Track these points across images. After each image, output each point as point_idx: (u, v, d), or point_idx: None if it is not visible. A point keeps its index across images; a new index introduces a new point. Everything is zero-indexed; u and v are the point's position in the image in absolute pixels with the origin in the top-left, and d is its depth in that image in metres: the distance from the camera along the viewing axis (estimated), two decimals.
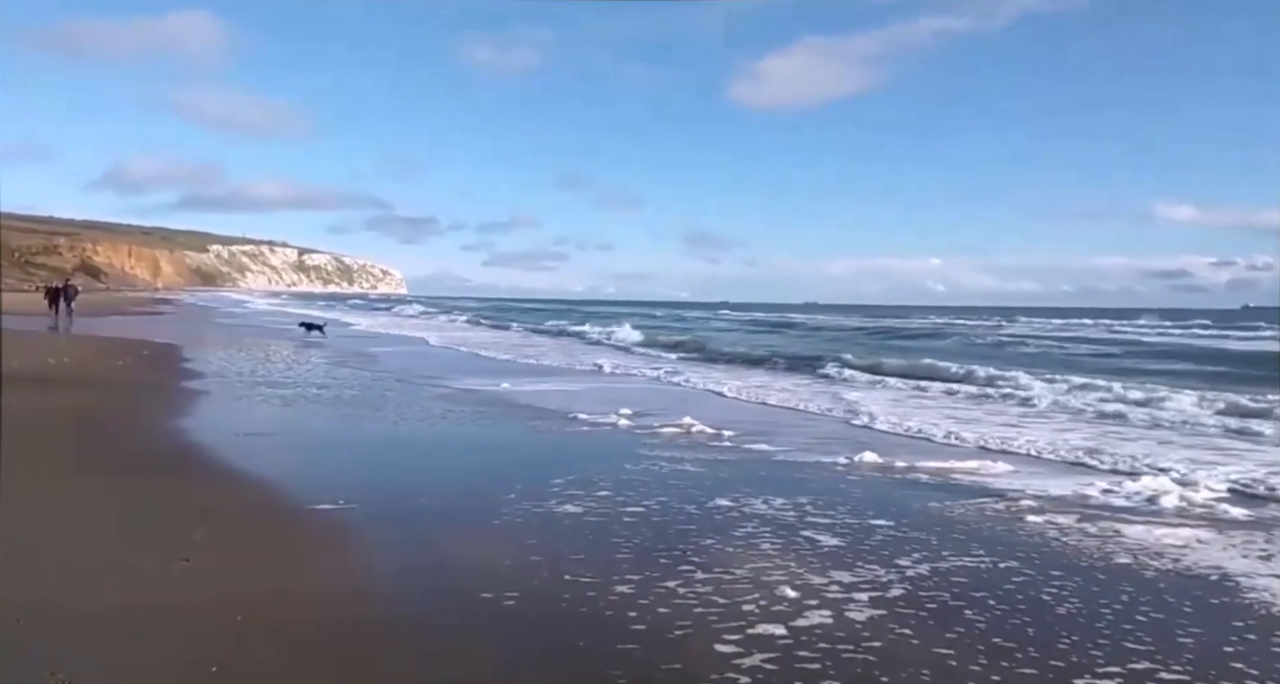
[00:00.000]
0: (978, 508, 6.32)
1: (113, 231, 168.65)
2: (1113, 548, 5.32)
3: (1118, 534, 5.65)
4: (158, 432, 8.81)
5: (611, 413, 10.71)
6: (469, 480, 7.10)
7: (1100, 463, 8.31)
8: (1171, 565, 5.01)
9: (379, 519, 5.58)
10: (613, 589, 4.25)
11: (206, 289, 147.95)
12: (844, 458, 8.14)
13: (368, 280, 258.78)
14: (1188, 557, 5.19)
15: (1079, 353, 27.11)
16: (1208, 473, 7.69)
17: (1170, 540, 5.55)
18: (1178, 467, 7.97)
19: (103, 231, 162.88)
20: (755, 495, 6.41)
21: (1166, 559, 5.12)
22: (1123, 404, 12.90)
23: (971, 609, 4.16)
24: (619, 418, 10.39)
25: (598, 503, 6.06)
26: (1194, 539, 5.59)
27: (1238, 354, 25.65)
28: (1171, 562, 5.08)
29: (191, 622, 3.74)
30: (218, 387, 12.71)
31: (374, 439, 9.07)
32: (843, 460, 8.05)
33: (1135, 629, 3.97)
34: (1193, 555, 5.23)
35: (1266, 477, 7.56)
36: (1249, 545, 5.49)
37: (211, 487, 6.40)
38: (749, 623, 3.86)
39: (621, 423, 10.15)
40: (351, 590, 4.27)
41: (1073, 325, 48.49)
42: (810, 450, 8.64)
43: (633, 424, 10.08)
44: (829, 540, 5.29)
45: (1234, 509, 6.37)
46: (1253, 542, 5.57)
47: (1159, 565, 5.00)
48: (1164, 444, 9.57)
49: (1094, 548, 5.32)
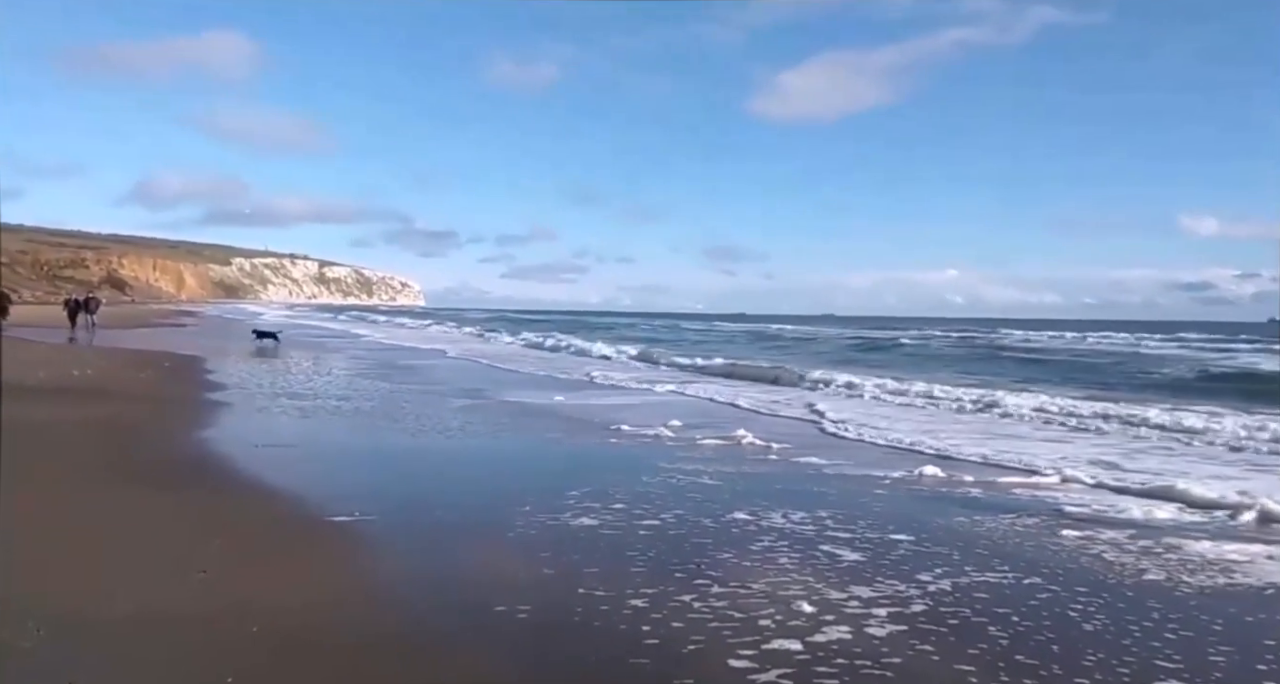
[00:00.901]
0: (1005, 521, 6.22)
1: (139, 245, 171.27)
2: (1144, 564, 5.21)
3: (1148, 550, 5.53)
4: (178, 443, 8.88)
5: (659, 425, 10.74)
6: (489, 491, 7.08)
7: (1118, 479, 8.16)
8: (1204, 582, 4.89)
9: (394, 531, 5.58)
10: (626, 603, 4.21)
11: (228, 301, 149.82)
12: (902, 471, 8.09)
13: (386, 292, 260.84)
14: (1220, 572, 5.07)
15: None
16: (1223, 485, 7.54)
17: (1200, 555, 5.42)
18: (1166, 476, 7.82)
19: (129, 245, 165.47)
20: (797, 508, 6.35)
21: (1200, 575, 5.00)
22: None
23: (995, 626, 4.07)
24: (664, 429, 10.44)
25: (636, 511, 6.02)
26: (1224, 555, 5.46)
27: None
28: (1204, 578, 4.96)
29: (208, 632, 3.74)
30: (239, 398, 12.81)
31: (392, 450, 9.08)
32: (899, 474, 8.01)
33: (1164, 647, 3.86)
34: (1224, 571, 5.10)
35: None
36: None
37: (230, 498, 6.43)
38: (765, 638, 3.80)
39: (666, 434, 10.23)
40: (365, 602, 4.25)
41: (1060, 337, 48.48)
42: (871, 465, 8.56)
43: (677, 436, 10.13)
44: (849, 554, 5.21)
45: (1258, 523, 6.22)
46: None
47: (1191, 582, 4.88)
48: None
49: (1124, 564, 5.21)
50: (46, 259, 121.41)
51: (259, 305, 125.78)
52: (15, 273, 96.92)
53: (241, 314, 75.37)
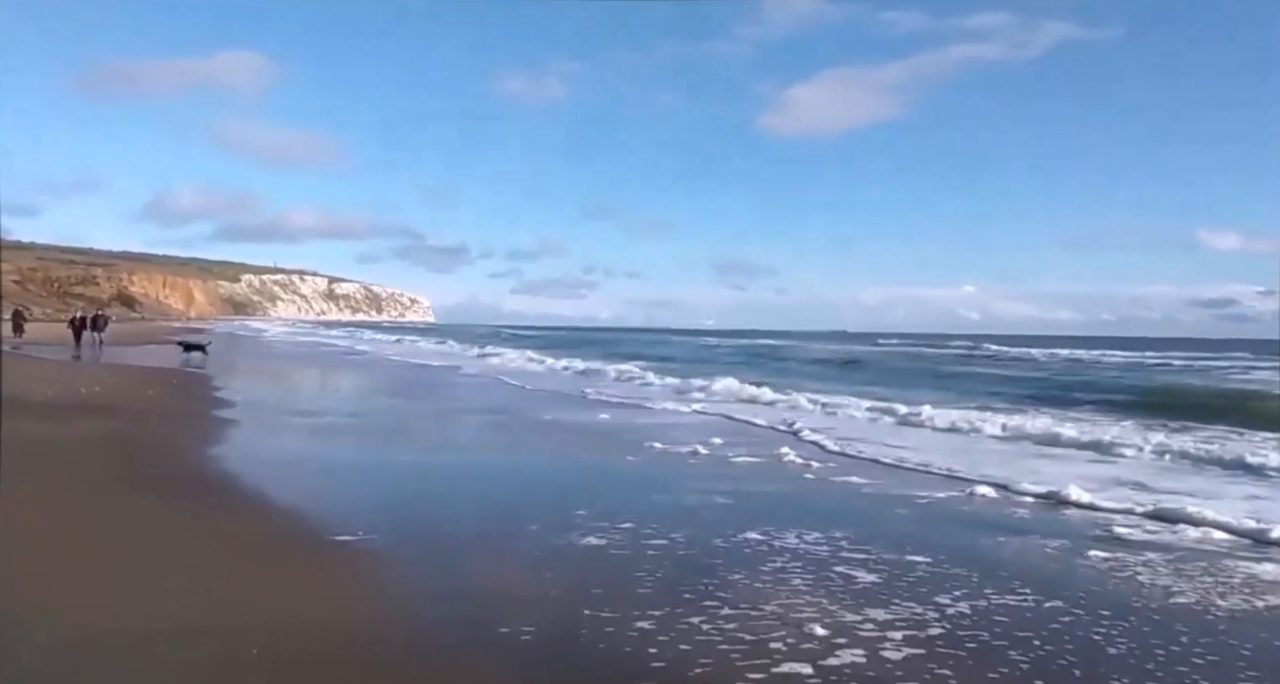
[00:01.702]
0: (1025, 542, 6.08)
1: (149, 262, 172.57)
2: (1169, 586, 5.07)
3: (1172, 572, 5.39)
4: (185, 459, 8.82)
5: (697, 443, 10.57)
6: (497, 510, 6.98)
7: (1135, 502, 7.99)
8: (1232, 605, 4.75)
9: (399, 551, 5.48)
10: (633, 624, 4.10)
11: (236, 318, 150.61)
12: (957, 491, 7.97)
13: (395, 309, 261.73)
14: (1248, 595, 4.93)
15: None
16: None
17: (1227, 578, 5.28)
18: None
19: (139, 262, 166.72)
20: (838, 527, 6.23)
21: (1227, 598, 4.86)
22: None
23: (1015, 650, 3.94)
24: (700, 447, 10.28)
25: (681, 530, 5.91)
26: (1251, 577, 5.32)
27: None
28: (1232, 601, 4.82)
29: (210, 649, 3.68)
30: (246, 415, 12.76)
31: (400, 469, 9.00)
32: (954, 493, 7.92)
33: (1191, 671, 3.73)
34: (1253, 594, 4.96)
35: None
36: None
37: (235, 516, 6.35)
38: (775, 661, 3.68)
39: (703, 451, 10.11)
40: (366, 622, 4.16)
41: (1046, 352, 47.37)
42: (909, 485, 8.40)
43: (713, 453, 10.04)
44: (865, 576, 5.09)
45: None
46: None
47: (1219, 605, 4.74)
48: None
49: (1148, 586, 5.07)
50: (57, 276, 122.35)
51: (260, 322, 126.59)
52: (26, 290, 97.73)
53: (248, 331, 75.87)
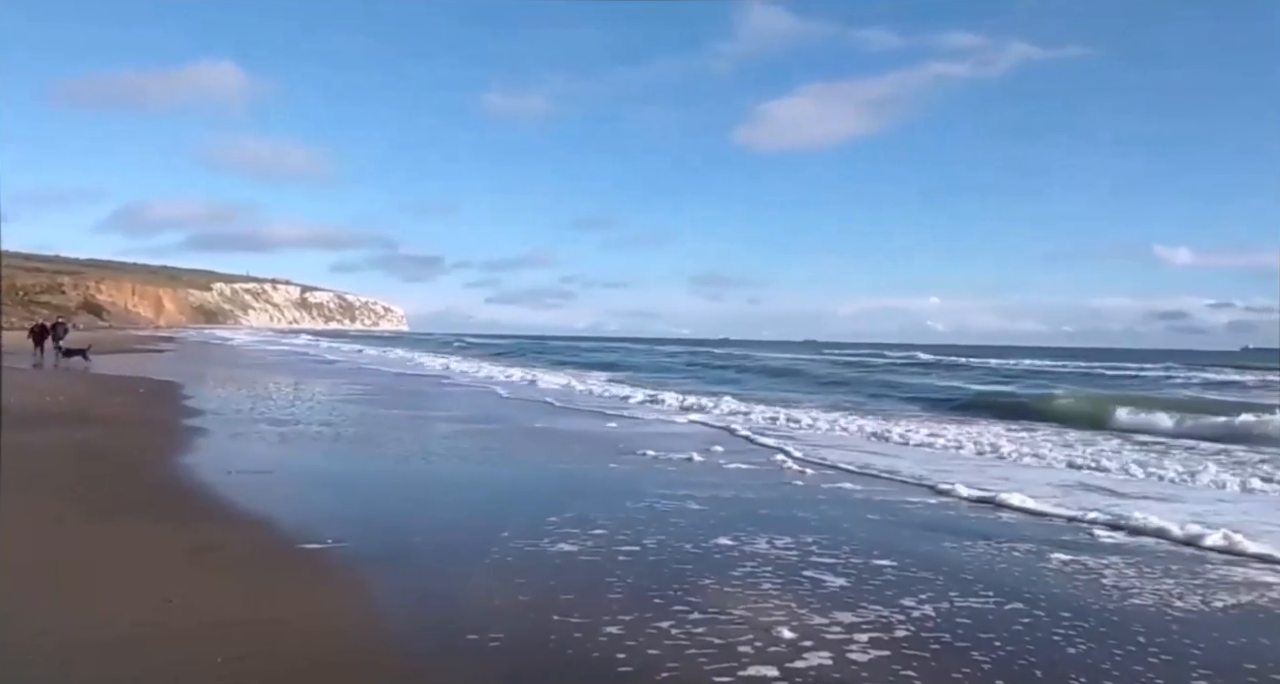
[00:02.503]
0: (986, 543, 6.18)
1: (117, 270, 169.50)
2: (1126, 589, 5.19)
3: (1128, 575, 5.52)
4: (149, 469, 8.69)
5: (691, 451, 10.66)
6: (468, 517, 6.96)
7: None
8: (1185, 606, 4.87)
9: (368, 558, 5.44)
10: (602, 630, 4.11)
11: (208, 327, 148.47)
12: (933, 498, 8.09)
13: (369, 317, 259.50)
14: (1200, 597, 5.06)
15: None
16: None
17: (1178, 581, 5.41)
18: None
19: (107, 270, 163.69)
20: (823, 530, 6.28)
21: (1180, 600, 4.97)
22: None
23: (978, 651, 4.01)
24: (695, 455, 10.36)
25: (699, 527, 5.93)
26: (1200, 580, 5.45)
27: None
28: (1185, 603, 4.93)
29: (171, 660, 3.63)
30: (216, 424, 12.60)
31: (371, 476, 8.94)
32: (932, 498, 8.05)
33: (1147, 671, 3.82)
34: (1204, 596, 5.09)
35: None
36: (1263, 588, 5.35)
37: (201, 525, 6.27)
38: (742, 665, 3.72)
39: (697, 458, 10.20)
40: (332, 630, 4.13)
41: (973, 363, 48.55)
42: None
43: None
44: (832, 579, 5.14)
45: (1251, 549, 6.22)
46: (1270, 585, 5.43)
47: (1172, 606, 4.85)
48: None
49: (1106, 588, 5.18)
50: (22, 284, 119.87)
51: (228, 331, 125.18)
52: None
53: (217, 339, 74.85)
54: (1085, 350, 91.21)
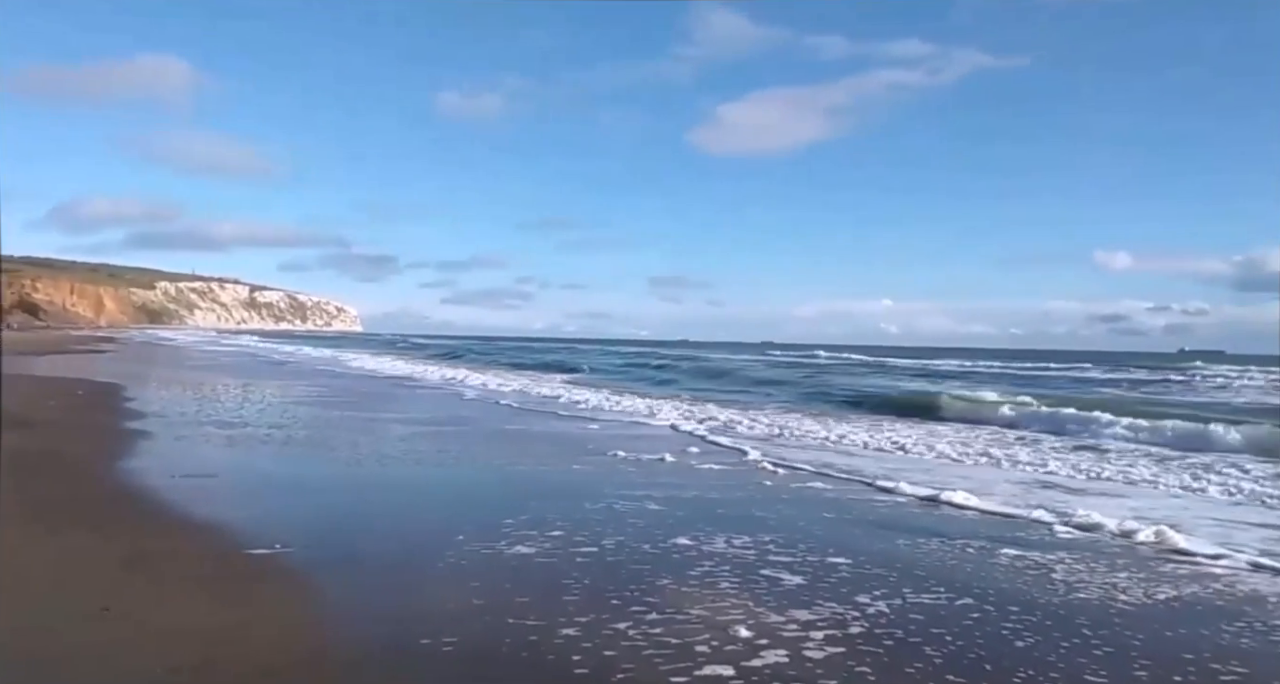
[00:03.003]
0: (940, 543, 6.29)
1: (55, 268, 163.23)
2: (1071, 583, 5.32)
3: (1073, 570, 5.66)
4: (87, 474, 8.37)
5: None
6: (422, 520, 6.84)
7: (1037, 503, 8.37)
8: (1126, 599, 5.02)
9: (317, 564, 5.32)
10: (558, 632, 4.08)
11: (151, 327, 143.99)
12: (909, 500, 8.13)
13: (321, 317, 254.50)
14: (1141, 591, 5.22)
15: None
16: None
17: (1120, 575, 5.59)
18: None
19: (44, 268, 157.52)
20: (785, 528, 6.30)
21: (1123, 594, 5.12)
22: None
23: (930, 646, 4.08)
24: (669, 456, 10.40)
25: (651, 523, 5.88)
26: (1139, 575, 5.63)
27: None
28: (1127, 597, 5.08)
29: (108, 672, 3.51)
30: (159, 427, 12.21)
31: (322, 480, 8.74)
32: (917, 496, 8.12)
33: (1090, 663, 3.93)
34: (1145, 590, 5.25)
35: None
36: (1199, 580, 5.54)
37: (141, 531, 6.07)
38: (698, 664, 3.72)
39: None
40: (278, 637, 4.02)
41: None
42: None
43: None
44: (790, 578, 5.18)
45: (1181, 543, 6.45)
46: (1194, 576, 5.62)
47: (1115, 600, 4.99)
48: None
49: (1052, 583, 5.31)
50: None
51: (172, 331, 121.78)
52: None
53: (158, 340, 72.71)
54: (1030, 352, 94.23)
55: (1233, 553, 6.06)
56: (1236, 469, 10.26)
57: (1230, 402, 23.85)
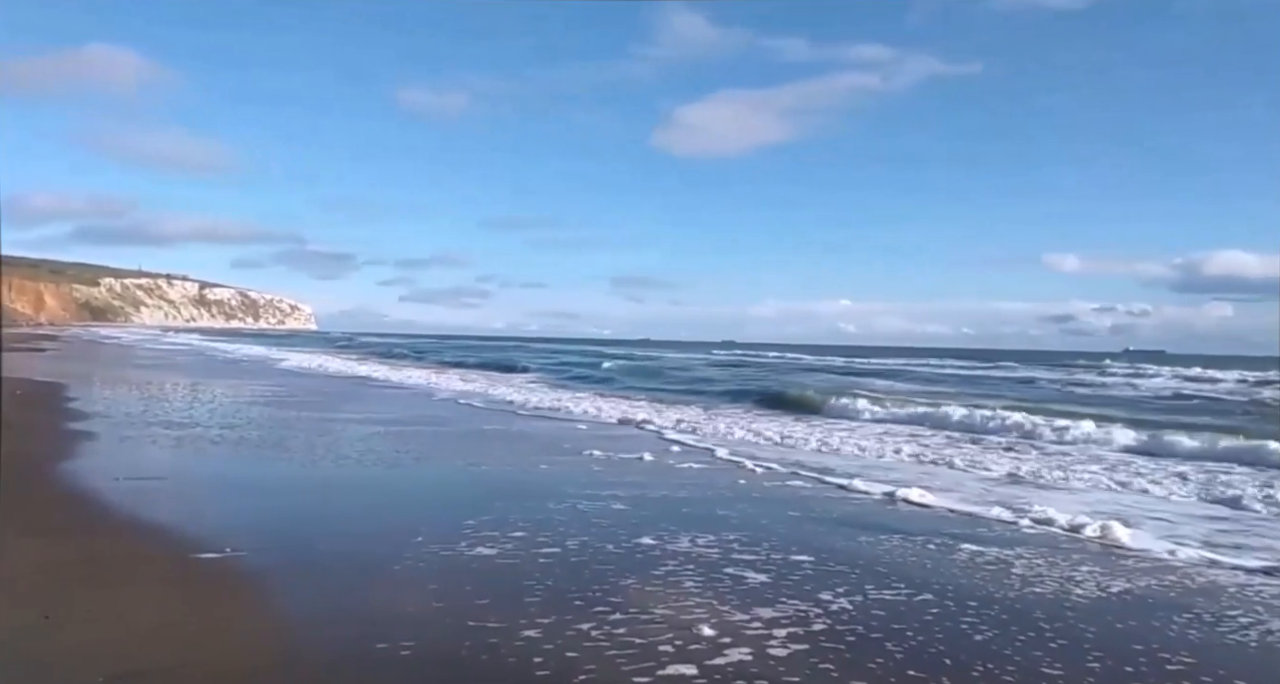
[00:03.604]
0: (899, 540, 6.36)
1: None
2: (1028, 578, 5.42)
3: (1029, 565, 5.77)
4: (25, 477, 8.03)
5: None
6: (379, 522, 6.71)
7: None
8: (1084, 593, 5.13)
9: (271, 567, 5.17)
10: (519, 634, 4.02)
11: (95, 324, 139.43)
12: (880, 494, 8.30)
13: (274, 315, 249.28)
14: (1094, 585, 5.34)
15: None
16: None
17: (1076, 570, 5.72)
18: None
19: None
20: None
21: (1077, 588, 5.23)
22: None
23: (891, 641, 4.12)
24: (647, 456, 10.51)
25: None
26: (1094, 569, 5.77)
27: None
28: (1081, 590, 5.20)
29: (48, 682, 3.37)
30: (104, 428, 11.79)
31: (276, 482, 8.53)
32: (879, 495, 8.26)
33: (1045, 655, 4.00)
34: (1098, 584, 5.38)
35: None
36: (1145, 575, 5.70)
37: (84, 536, 5.84)
38: (661, 664, 3.70)
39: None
40: (230, 644, 3.90)
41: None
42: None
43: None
44: (754, 576, 5.19)
45: (1129, 540, 6.63)
46: (1151, 570, 5.78)
47: (1069, 594, 5.10)
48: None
49: (1009, 578, 5.40)
50: None
51: (117, 328, 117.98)
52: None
53: (102, 338, 70.48)
54: (978, 351, 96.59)
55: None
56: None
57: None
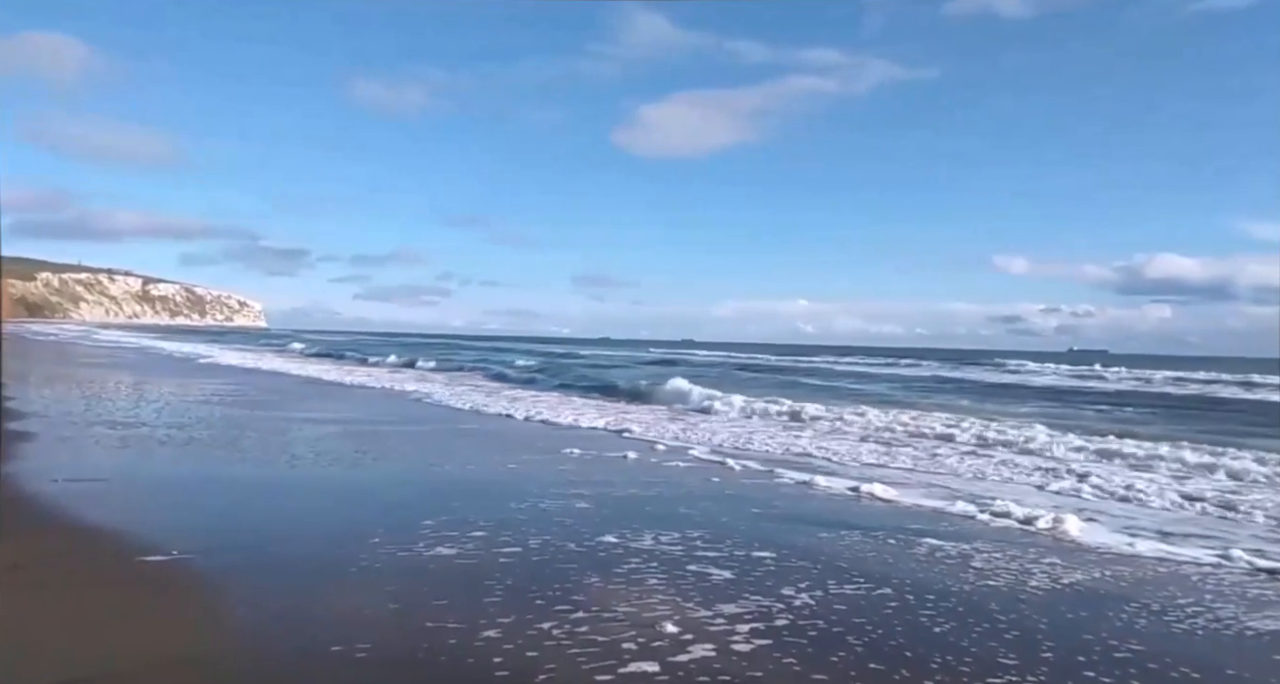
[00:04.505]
0: (860, 535, 6.43)
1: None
2: (984, 571, 5.53)
3: (986, 559, 5.88)
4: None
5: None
6: (334, 524, 6.55)
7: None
8: (1034, 585, 5.25)
9: (220, 570, 5.00)
10: (478, 634, 3.96)
11: (31, 321, 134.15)
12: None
13: (222, 312, 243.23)
14: (1046, 578, 5.47)
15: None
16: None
17: (1030, 562, 5.84)
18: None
19: None
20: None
21: (1030, 580, 5.35)
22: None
23: (852, 635, 4.16)
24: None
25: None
26: (1046, 561, 5.91)
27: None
28: (1034, 583, 5.32)
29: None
30: (41, 427, 11.33)
31: (227, 482, 8.27)
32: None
33: (1000, 646, 4.08)
34: (1050, 576, 5.51)
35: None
36: (1098, 565, 5.85)
37: (18, 539, 5.58)
38: (622, 662, 3.67)
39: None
40: (176, 649, 3.75)
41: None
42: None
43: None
44: (718, 573, 5.20)
45: (1075, 531, 6.81)
46: (1098, 561, 5.93)
47: (1023, 586, 5.21)
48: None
49: (966, 572, 5.50)
50: None
51: (53, 325, 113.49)
52: None
53: (34, 334, 67.83)
54: (927, 351, 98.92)
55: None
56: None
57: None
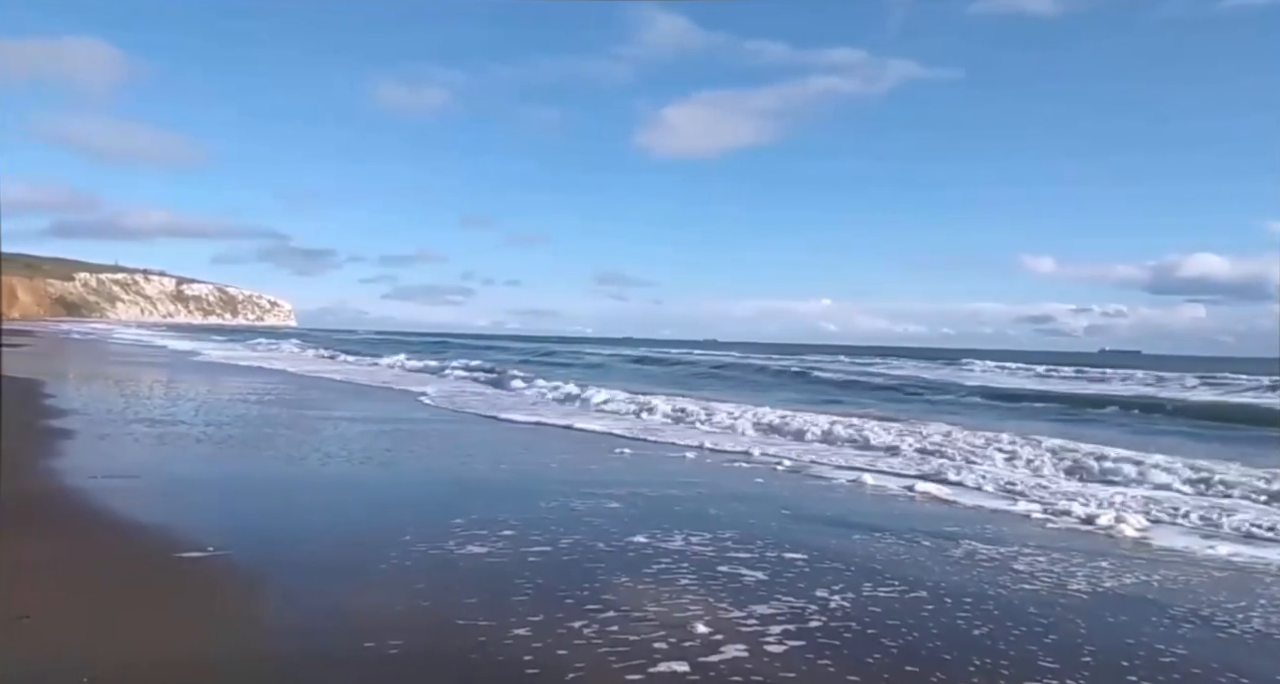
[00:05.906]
0: (896, 534, 6.35)
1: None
2: (1022, 573, 5.44)
3: (1024, 560, 5.78)
4: (2, 475, 7.85)
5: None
6: (366, 520, 6.61)
7: None
8: (1074, 587, 5.15)
9: (254, 566, 5.06)
10: (509, 632, 3.96)
11: (70, 320, 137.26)
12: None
13: (253, 312, 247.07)
14: (1087, 579, 5.36)
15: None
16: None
17: (1070, 563, 5.74)
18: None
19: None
20: None
21: (1071, 582, 5.25)
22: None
23: (887, 637, 4.10)
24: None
25: None
26: (1090, 562, 5.80)
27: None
28: (1075, 584, 5.22)
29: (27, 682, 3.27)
30: (83, 425, 11.57)
31: (260, 480, 8.39)
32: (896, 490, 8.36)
33: (1040, 650, 4.00)
34: (1091, 578, 5.40)
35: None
36: (1139, 567, 5.74)
37: (61, 534, 5.70)
38: (653, 661, 3.65)
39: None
40: (214, 645, 3.81)
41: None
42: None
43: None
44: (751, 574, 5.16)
45: (1130, 531, 6.70)
46: (1150, 563, 5.83)
47: (1064, 588, 5.12)
48: None
49: (1004, 573, 5.42)
50: None
51: (92, 324, 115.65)
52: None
53: (80, 333, 69.30)
54: (958, 351, 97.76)
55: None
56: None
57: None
